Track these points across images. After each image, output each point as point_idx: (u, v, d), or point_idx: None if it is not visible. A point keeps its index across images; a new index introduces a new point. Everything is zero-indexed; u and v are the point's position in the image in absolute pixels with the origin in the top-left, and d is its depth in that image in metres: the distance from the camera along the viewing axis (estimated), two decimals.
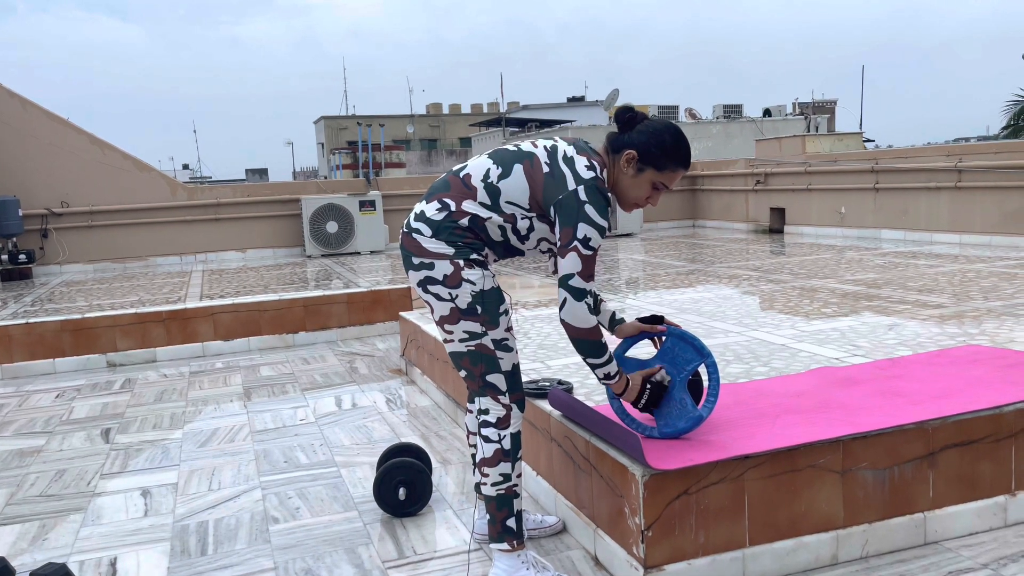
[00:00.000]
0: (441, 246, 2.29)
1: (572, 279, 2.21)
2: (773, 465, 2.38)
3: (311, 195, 10.32)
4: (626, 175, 2.33)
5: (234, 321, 6.22)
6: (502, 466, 2.36)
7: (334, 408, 4.51)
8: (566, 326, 2.24)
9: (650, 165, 2.30)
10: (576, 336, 2.25)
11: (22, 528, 3.07)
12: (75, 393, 5.14)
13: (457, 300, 2.29)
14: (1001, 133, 20.52)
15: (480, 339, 2.33)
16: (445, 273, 2.28)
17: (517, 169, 2.30)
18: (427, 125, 54.54)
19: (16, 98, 9.55)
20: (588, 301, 2.21)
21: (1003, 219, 7.54)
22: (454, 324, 2.33)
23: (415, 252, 2.32)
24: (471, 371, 2.38)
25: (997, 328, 3.93)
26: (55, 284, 8.51)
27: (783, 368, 3.38)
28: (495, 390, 2.37)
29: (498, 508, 2.38)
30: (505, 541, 2.38)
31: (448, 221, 2.29)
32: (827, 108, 36.37)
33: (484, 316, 2.31)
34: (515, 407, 2.40)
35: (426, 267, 2.30)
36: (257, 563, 2.68)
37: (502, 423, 2.37)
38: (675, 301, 5.35)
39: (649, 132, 2.31)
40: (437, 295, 2.31)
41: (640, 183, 2.33)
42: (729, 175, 11.33)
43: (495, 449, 2.36)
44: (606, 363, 2.31)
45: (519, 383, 2.42)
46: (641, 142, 2.30)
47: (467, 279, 2.28)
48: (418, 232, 2.32)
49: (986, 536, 2.58)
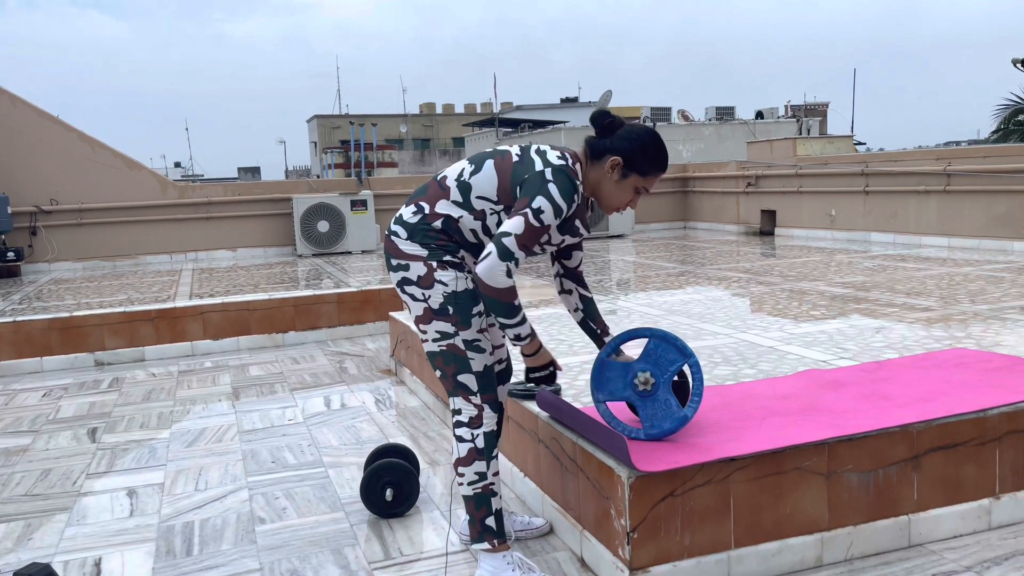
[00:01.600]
0: (415, 248, 2.35)
1: (507, 238, 2.21)
2: (759, 467, 2.38)
3: (302, 194, 10.30)
4: (611, 180, 2.36)
5: (223, 320, 6.19)
6: (477, 465, 2.38)
7: (323, 408, 4.50)
8: (480, 282, 2.23)
9: (634, 171, 2.34)
10: (488, 294, 2.24)
11: (7, 528, 3.05)
12: (62, 392, 5.11)
13: (430, 300, 2.34)
14: (991, 137, 20.63)
15: (451, 339, 2.36)
16: (419, 274, 2.34)
17: (488, 164, 2.36)
18: (420, 125, 54.50)
19: (5, 94, 9.50)
20: (511, 265, 2.21)
21: (991, 223, 7.58)
22: (427, 324, 2.38)
23: (393, 254, 2.39)
24: (444, 371, 2.41)
25: (983, 332, 3.95)
26: (44, 282, 8.46)
27: (771, 370, 3.39)
28: (466, 390, 2.39)
29: (476, 507, 2.40)
30: (486, 540, 2.39)
31: (422, 224, 2.35)
32: (819, 111, 36.50)
33: (455, 317, 2.34)
34: (487, 407, 2.40)
35: (402, 268, 2.37)
36: (243, 564, 2.68)
37: (474, 422, 2.39)
38: (665, 303, 5.36)
39: (632, 139, 2.34)
40: (412, 296, 2.37)
41: (624, 188, 2.37)
42: (720, 177, 11.36)
43: (469, 448, 2.39)
44: (517, 324, 2.31)
45: (492, 384, 2.42)
46: (625, 148, 2.33)
47: (439, 280, 2.33)
48: (395, 235, 2.39)
49: (970, 539, 2.59)
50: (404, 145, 47.38)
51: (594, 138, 2.39)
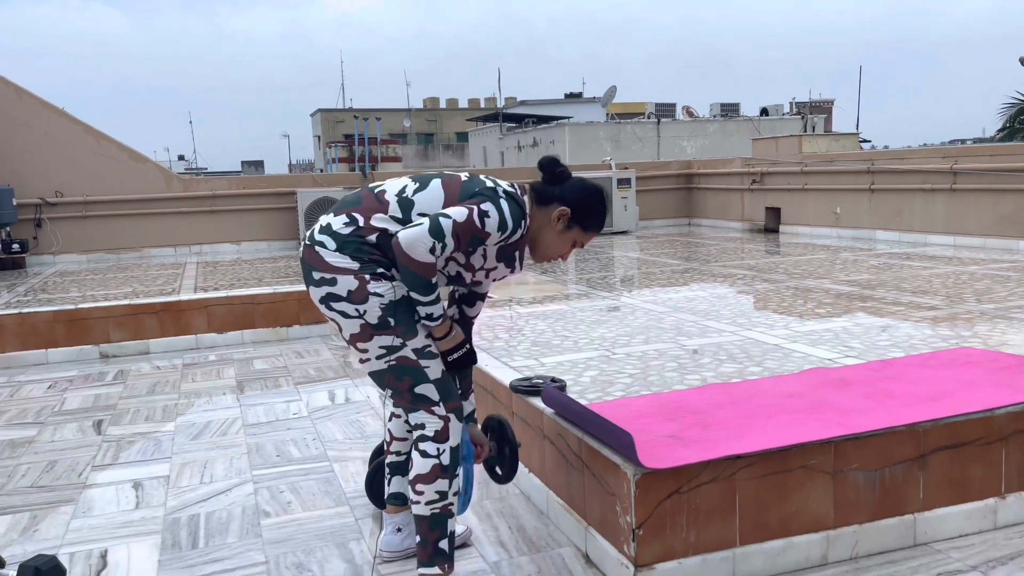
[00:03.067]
0: (344, 260, 2.17)
1: (444, 219, 2.11)
2: (765, 465, 2.38)
3: (307, 188, 10.30)
4: (554, 229, 2.32)
5: (228, 314, 6.20)
6: (439, 483, 2.22)
7: (327, 402, 4.50)
8: (398, 247, 2.10)
9: (578, 224, 2.32)
10: (404, 263, 2.12)
11: (12, 519, 3.06)
12: (67, 384, 5.13)
13: (366, 316, 2.17)
14: (997, 135, 20.57)
15: (399, 352, 2.21)
16: (349, 289, 2.16)
17: (435, 183, 2.27)
18: (424, 119, 54.43)
19: (11, 86, 9.51)
20: (437, 244, 2.09)
21: (998, 222, 7.56)
22: (367, 341, 2.21)
23: (316, 266, 2.20)
24: (396, 387, 2.25)
25: (990, 331, 3.94)
26: (48, 274, 8.47)
27: (776, 368, 3.39)
28: (427, 402, 2.24)
29: (430, 528, 2.24)
30: (436, 565, 2.25)
31: (354, 236, 2.19)
32: (824, 108, 36.41)
33: (399, 328, 2.19)
34: (453, 416, 2.26)
35: (327, 283, 2.18)
36: (248, 557, 2.68)
37: (440, 436, 2.24)
38: (670, 300, 5.36)
39: (582, 193, 2.32)
40: (343, 312, 2.19)
41: (565, 239, 2.34)
42: (725, 174, 11.34)
43: (432, 465, 2.22)
44: (430, 304, 2.18)
45: (453, 391, 2.29)
46: (574, 201, 2.30)
47: (374, 292, 2.16)
48: (321, 245, 2.20)
49: (976, 538, 2.59)
50: (408, 140, 47.36)
51: (541, 184, 2.34)
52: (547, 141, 27.19)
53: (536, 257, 2.39)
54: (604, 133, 25.97)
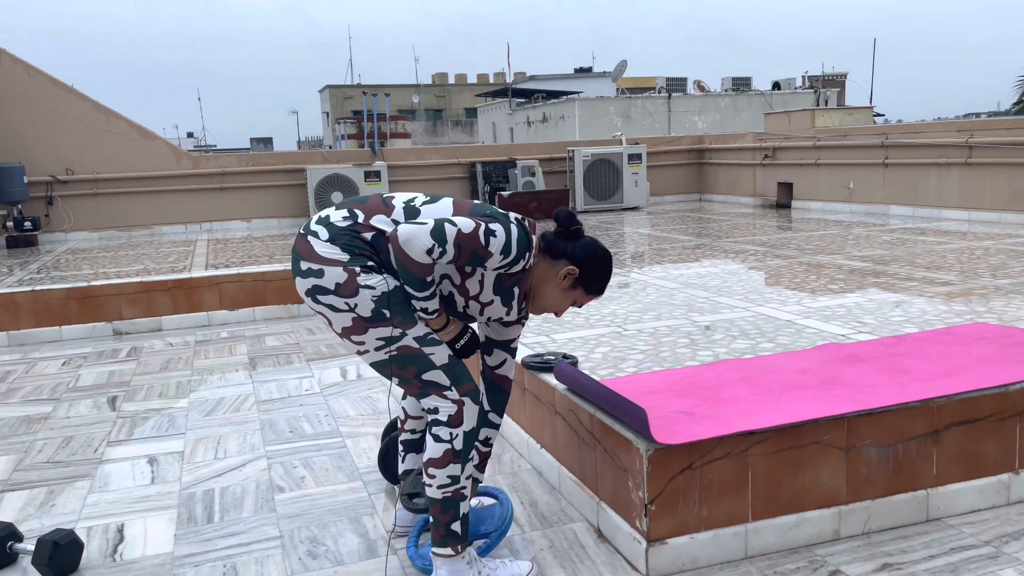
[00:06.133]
0: (334, 251, 2.10)
1: (449, 225, 2.05)
2: (778, 441, 2.38)
3: (316, 165, 10.28)
4: (559, 286, 2.29)
5: (239, 291, 6.22)
6: (451, 468, 2.19)
7: (339, 379, 4.52)
8: (394, 241, 2.04)
9: (582, 286, 2.30)
10: (399, 257, 2.05)
11: (30, 494, 3.10)
12: (81, 361, 5.17)
13: (358, 309, 2.10)
14: (1012, 109, 20.32)
15: (400, 341, 2.14)
16: (337, 282, 2.09)
17: (446, 199, 2.23)
18: (433, 95, 54.15)
19: (20, 64, 9.49)
20: (436, 248, 2.03)
21: (1013, 196, 7.48)
22: (362, 334, 2.14)
23: (304, 256, 2.13)
24: (403, 376, 2.19)
25: (1005, 306, 3.91)
26: (60, 252, 8.51)
27: (789, 344, 3.38)
28: (438, 387, 2.18)
29: (442, 511, 2.20)
30: (448, 546, 2.22)
31: (350, 230, 2.13)
32: (837, 81, 35.98)
33: (396, 318, 2.11)
34: (468, 400, 2.20)
35: (314, 274, 2.10)
36: (263, 531, 2.71)
37: (454, 421, 2.18)
38: (681, 276, 5.33)
39: (593, 256, 2.29)
40: (331, 306, 2.11)
41: (566, 297, 2.32)
42: (737, 149, 11.25)
43: (445, 450, 2.18)
44: (426, 299, 2.13)
45: (465, 372, 2.22)
46: (585, 262, 2.27)
47: (364, 285, 2.09)
48: (314, 235, 2.14)
49: (988, 513, 2.59)
50: (416, 116, 47.15)
51: (553, 235, 2.30)
52: (557, 116, 27.01)
53: (532, 308, 2.36)
54: (614, 108, 25.76)
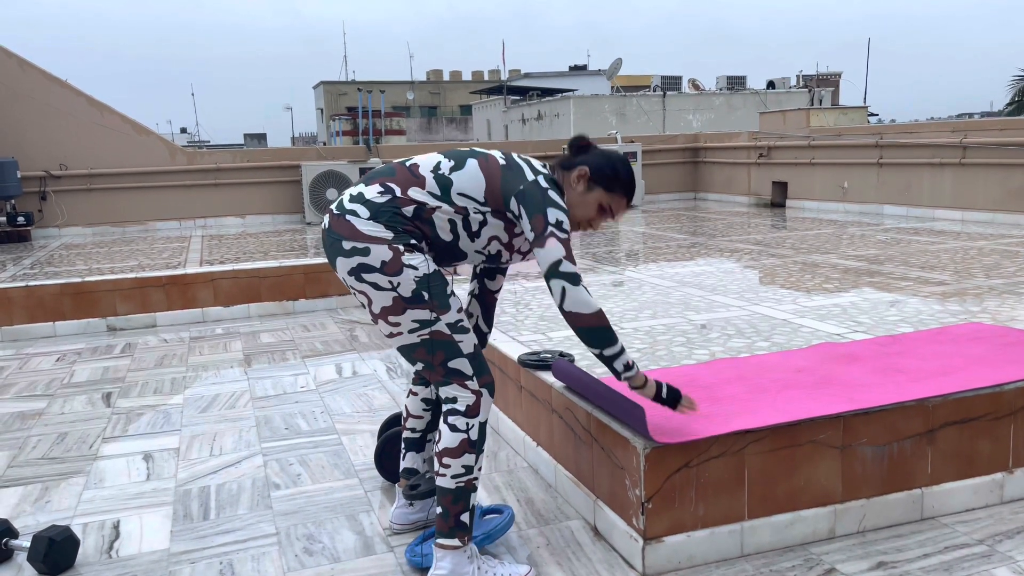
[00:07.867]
0: (379, 229, 2.12)
1: (561, 264, 2.11)
2: (774, 440, 2.39)
3: (311, 161, 10.25)
4: (575, 191, 2.30)
5: (234, 287, 6.21)
6: (466, 457, 2.21)
7: (335, 376, 4.52)
8: (571, 317, 2.12)
9: (600, 185, 2.30)
10: (585, 325, 2.13)
11: (24, 490, 3.09)
12: (76, 357, 5.15)
13: (400, 288, 2.13)
14: (1005, 109, 20.41)
15: (433, 326, 2.17)
16: (383, 259, 2.11)
17: (471, 163, 2.23)
18: (427, 92, 54.05)
19: (14, 58, 9.44)
20: (585, 284, 2.13)
21: (1006, 196, 7.51)
22: (400, 315, 2.16)
23: (347, 235, 2.14)
24: (429, 362, 2.21)
25: (999, 306, 3.93)
26: (54, 247, 8.48)
27: (784, 343, 3.39)
28: (461, 376, 2.22)
29: (454, 501, 2.21)
30: (456, 537, 2.22)
31: (390, 205, 2.15)
32: (832, 81, 36.07)
33: (433, 302, 2.15)
34: (485, 392, 2.24)
35: (359, 252, 2.12)
36: (259, 528, 2.71)
37: (471, 411, 2.22)
38: (676, 274, 5.35)
39: (602, 155, 2.33)
40: (375, 284, 2.14)
41: (588, 201, 2.31)
42: (731, 147, 11.26)
43: (461, 439, 2.20)
44: (622, 352, 2.19)
45: (485, 365, 2.28)
46: (593, 162, 2.30)
47: (408, 264, 2.12)
48: (353, 214, 2.15)
49: (982, 512, 2.60)
50: (411, 112, 47.08)
51: (567, 156, 2.35)
52: (552, 114, 27.00)
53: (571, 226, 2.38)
54: (609, 106, 25.78)
